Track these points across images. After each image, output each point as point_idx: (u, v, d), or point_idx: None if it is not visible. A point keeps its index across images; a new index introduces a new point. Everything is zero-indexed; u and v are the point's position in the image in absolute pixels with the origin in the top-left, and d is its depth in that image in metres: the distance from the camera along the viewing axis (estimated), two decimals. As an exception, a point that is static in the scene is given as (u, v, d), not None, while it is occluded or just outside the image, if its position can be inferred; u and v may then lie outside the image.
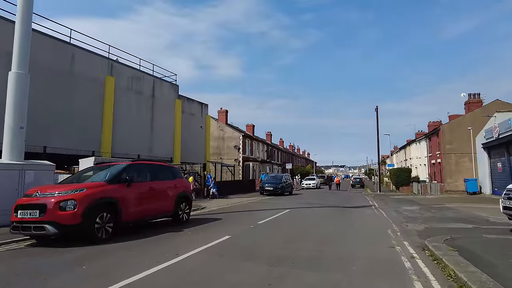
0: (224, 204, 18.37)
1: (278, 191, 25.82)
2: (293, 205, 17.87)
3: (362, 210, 16.30)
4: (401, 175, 33.41)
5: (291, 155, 68.73)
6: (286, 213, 14.04)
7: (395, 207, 17.58)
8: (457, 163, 31.46)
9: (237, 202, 20.21)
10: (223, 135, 40.12)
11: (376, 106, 34.34)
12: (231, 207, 17.13)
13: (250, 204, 18.54)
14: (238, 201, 20.50)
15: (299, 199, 23.35)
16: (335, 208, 16.66)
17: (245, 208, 16.02)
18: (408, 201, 21.77)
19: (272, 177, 27.82)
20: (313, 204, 18.57)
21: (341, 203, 20.41)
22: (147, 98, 24.30)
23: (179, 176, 10.40)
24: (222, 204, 18.37)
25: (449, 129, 32.31)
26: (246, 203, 19.26)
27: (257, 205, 18.29)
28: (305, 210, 15.41)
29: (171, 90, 26.78)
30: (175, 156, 26.58)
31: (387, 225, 10.99)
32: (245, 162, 39.75)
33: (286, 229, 9.85)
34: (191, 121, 30.27)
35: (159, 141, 24.96)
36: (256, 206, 17.28)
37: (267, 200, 21.56)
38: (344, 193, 31.66)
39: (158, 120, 25.00)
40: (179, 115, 27.13)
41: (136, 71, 23.62)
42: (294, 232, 9.51)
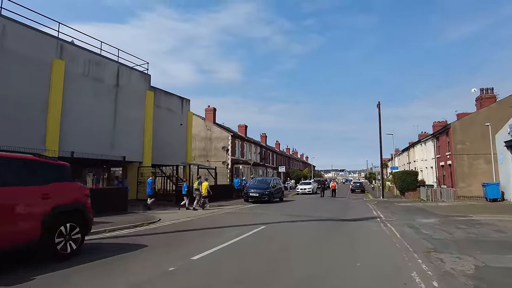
0: (186, 216, 14.15)
1: (265, 198, 21.57)
2: (275, 217, 13.61)
3: (364, 225, 12.03)
4: (407, 179, 29.13)
5: (288, 158, 64.46)
6: (259, 232, 9.75)
7: (407, 219, 13.33)
8: (471, 165, 27.15)
9: (208, 213, 15.98)
10: (210, 135, 35.99)
11: (378, 101, 30.22)
12: (191, 221, 12.87)
13: (221, 217, 14.31)
14: (210, 212, 16.27)
15: (288, 208, 19.09)
16: (330, 223, 12.40)
17: (207, 224, 11.75)
18: (420, 210, 17.51)
19: (259, 181, 23.60)
20: (303, 216, 14.32)
21: (339, 213, 16.15)
22: (110, 88, 20.19)
23: (63, 179, 6.09)
24: (185, 216, 14.17)
25: (461, 127, 28.03)
26: (218, 215, 15.03)
27: (229, 217, 14.05)
28: (289, 227, 11.11)
29: (141, 80, 22.68)
30: (145, 156, 22.41)
31: (407, 257, 6.75)
32: (235, 165, 35.56)
33: (239, 271, 5.65)
34: (168, 117, 26.14)
35: (124, 137, 20.80)
36: (226, 220, 13.06)
37: (247, 210, 17.30)
38: (343, 200, 27.29)
39: (124, 114, 20.87)
40: (150, 109, 22.99)
41: (96, 56, 19.53)
42: (252, 277, 5.32)
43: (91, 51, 19.39)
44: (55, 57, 17.09)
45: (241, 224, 11.17)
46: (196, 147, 36.24)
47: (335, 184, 33.42)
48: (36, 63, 16.06)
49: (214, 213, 15.29)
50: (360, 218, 13.86)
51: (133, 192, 22.13)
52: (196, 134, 36.36)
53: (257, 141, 48.34)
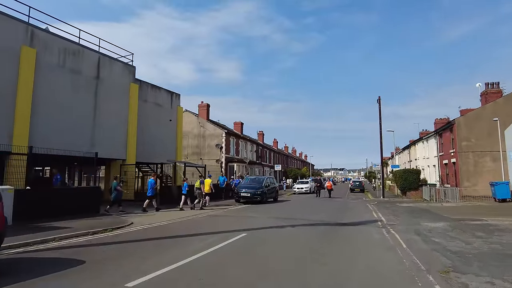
0: (166, 219, 12.42)
1: (257, 198, 19.82)
2: (263, 221, 11.87)
3: (364, 230, 10.27)
4: (409, 177, 27.37)
5: (286, 156, 62.69)
6: (235, 243, 7.95)
7: (412, 224, 11.59)
8: (477, 163, 25.37)
9: (188, 215, 14.25)
10: (203, 133, 34.25)
11: (378, 96, 28.46)
12: (165, 226, 11.13)
13: (202, 221, 12.54)
14: (192, 214, 14.54)
15: (281, 209, 17.35)
16: (324, 228, 10.65)
17: (180, 231, 9.99)
18: (424, 212, 15.76)
19: (251, 180, 21.85)
20: (294, 219, 12.57)
21: (335, 216, 14.41)
22: (89, 80, 18.46)
23: None
24: (164, 219, 12.44)
25: (466, 122, 26.22)
26: (199, 218, 13.27)
27: (210, 222, 12.29)
28: (274, 235, 9.28)
29: (125, 71, 20.93)
30: (129, 153, 20.67)
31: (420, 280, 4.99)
32: (229, 163, 33.83)
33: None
34: (157, 112, 24.43)
35: (106, 133, 19.08)
36: (205, 225, 11.30)
37: (234, 212, 15.54)
38: (340, 200, 25.50)
39: (105, 108, 19.14)
40: (134, 103, 21.25)
41: (73, 45, 17.80)
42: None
43: (68, 40, 17.66)
44: (25, 45, 15.38)
45: (219, 231, 9.43)
46: (189, 145, 34.54)
47: (331, 184, 29.65)
48: (0, 51, 14.37)
49: (196, 216, 13.55)
50: (359, 222, 12.11)
51: (115, 192, 20.43)
52: (189, 131, 34.67)
53: (254, 139, 46.57)
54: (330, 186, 28.63)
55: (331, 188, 28.57)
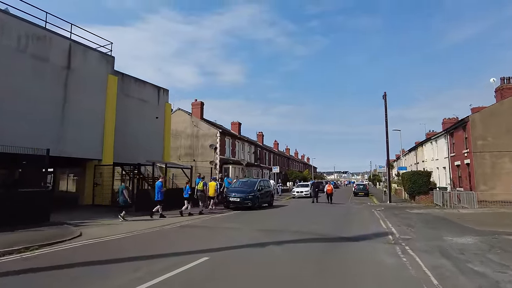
0: (122, 232, 9.89)
1: (248, 203, 17.24)
2: (241, 237, 9.25)
3: (372, 251, 7.61)
4: (418, 180, 24.63)
5: (287, 159, 59.97)
6: (180, 276, 5.30)
7: (433, 238, 8.97)
8: (494, 164, 22.60)
9: (157, 226, 11.73)
10: (197, 132, 31.80)
11: (384, 92, 25.86)
12: (118, 240, 8.62)
13: (163, 235, 9.94)
14: (166, 223, 12.01)
15: (271, 217, 14.71)
16: (319, 247, 8.02)
17: (126, 250, 7.43)
18: (442, 221, 13.11)
19: (243, 183, 19.28)
20: (283, 233, 9.94)
21: (335, 226, 11.81)
22: (57, 69, 16.12)
23: None
24: (121, 232, 9.91)
25: (481, 119, 23.48)
26: (165, 231, 10.72)
27: (173, 236, 9.66)
28: (246, 259, 6.61)
29: (102, 62, 18.56)
30: (105, 153, 18.23)
31: None
32: (224, 165, 31.31)
33: None
34: (141, 109, 22.04)
35: (78, 131, 16.68)
36: (161, 242, 8.68)
37: (213, 222, 12.93)
38: (343, 206, 22.73)
39: (77, 102, 16.78)
40: (113, 97, 18.84)
41: (38, 29, 15.48)
42: None
43: (32, 23, 15.34)
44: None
45: (175, 253, 6.86)
46: (181, 145, 32.13)
47: (332, 188, 25.38)
48: None
49: (166, 227, 11.01)
50: (364, 236, 9.49)
51: (88, 196, 18.03)
52: (181, 131, 32.29)
53: (252, 140, 44.03)
54: (331, 190, 24.70)
55: (331, 192, 24.64)
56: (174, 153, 31.99)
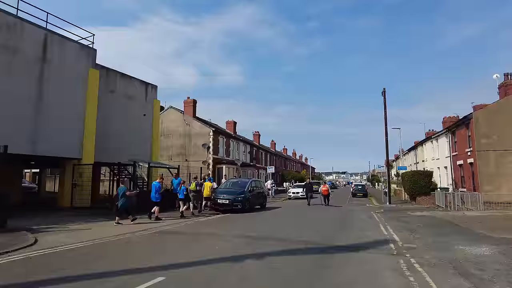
0: (83, 239, 8.55)
1: (238, 206, 15.90)
2: (217, 246, 7.92)
3: (370, 265, 6.30)
4: (419, 180, 23.33)
5: (284, 159, 58.62)
6: None
7: (442, 248, 7.65)
8: (499, 163, 21.33)
9: (138, 229, 10.42)
10: (189, 131, 30.47)
11: (383, 88, 24.59)
12: (73, 251, 7.31)
13: (130, 243, 8.61)
14: (142, 228, 10.68)
15: (260, 221, 13.35)
16: (307, 260, 6.67)
17: (73, 265, 6.15)
18: (448, 226, 11.82)
19: (233, 183, 17.94)
20: (269, 241, 8.61)
21: (330, 232, 10.50)
22: (31, 61, 14.80)
23: None
24: (81, 239, 8.58)
25: (485, 117, 22.21)
26: (135, 238, 9.41)
27: (139, 245, 8.35)
28: (213, 280, 5.26)
29: (82, 54, 17.23)
30: (86, 151, 16.89)
31: None
32: (217, 165, 29.98)
33: None
34: (127, 105, 20.71)
35: (54, 128, 15.36)
36: (119, 253, 7.37)
37: (195, 227, 11.62)
38: (340, 208, 21.36)
39: (53, 97, 15.46)
40: (94, 92, 17.51)
41: (7, 16, 14.16)
42: None
43: (2, 10, 14.04)
44: None
45: (128, 270, 5.53)
46: (173, 145, 30.80)
47: (328, 188, 22.88)
48: None
49: (136, 234, 9.67)
50: (362, 245, 8.17)
51: (67, 197, 16.69)
52: (173, 130, 30.97)
53: (248, 140, 42.71)
54: (326, 191, 22.33)
55: (327, 193, 22.29)
56: (165, 152, 30.67)
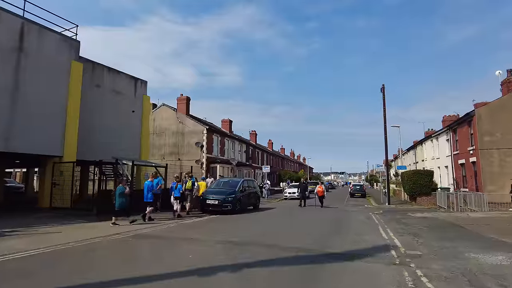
0: (40, 246, 7.49)
1: (228, 207, 14.84)
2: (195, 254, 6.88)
3: (369, 277, 5.30)
4: (419, 180, 22.33)
5: (281, 158, 57.55)
6: None
7: (452, 256, 6.62)
8: (503, 162, 20.37)
9: (115, 232, 9.38)
10: (182, 129, 29.41)
11: (382, 84, 23.59)
12: (11, 263, 6.28)
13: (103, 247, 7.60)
14: (118, 231, 9.63)
15: (250, 225, 12.27)
16: (296, 272, 5.67)
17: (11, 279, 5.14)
18: (454, 229, 10.81)
19: (224, 183, 16.89)
20: (254, 248, 7.56)
21: (324, 236, 9.47)
22: (6, 51, 13.75)
23: None
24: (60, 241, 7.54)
25: (488, 113, 21.25)
26: (114, 240, 8.38)
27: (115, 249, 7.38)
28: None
29: (64, 46, 16.17)
30: (67, 149, 15.83)
31: None
32: (211, 164, 28.93)
33: None
34: (115, 101, 19.67)
35: (32, 124, 14.30)
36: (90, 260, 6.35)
37: (177, 231, 10.56)
38: (337, 209, 20.29)
39: (31, 90, 14.40)
40: (77, 86, 16.44)
41: (-20, 3, 13.13)
42: None
43: (-26, -3, 12.99)
44: None
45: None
46: (166, 143, 29.76)
47: (323, 189, 21.14)
48: None
49: (108, 239, 8.63)
50: (360, 252, 7.13)
51: (47, 198, 15.63)
52: (166, 128, 29.94)
53: (244, 139, 41.67)
54: (322, 192, 20.63)
55: (322, 194, 20.61)
56: (157, 151, 29.64)
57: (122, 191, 11.31)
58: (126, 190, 11.56)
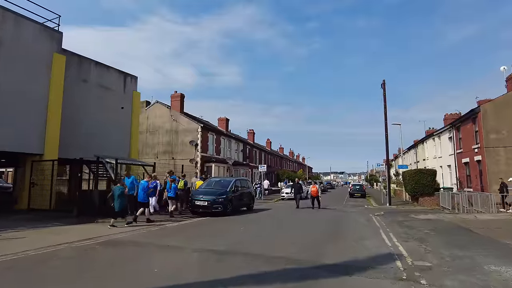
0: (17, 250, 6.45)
1: (218, 208, 13.77)
2: (163, 268, 5.83)
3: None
4: (421, 180, 21.22)
5: (280, 158, 56.42)
6: None
7: (468, 268, 5.56)
8: (510, 161, 19.36)
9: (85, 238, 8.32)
10: (176, 127, 28.34)
11: (383, 80, 22.53)
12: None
13: (56, 258, 6.50)
14: (87, 237, 8.56)
15: (238, 229, 11.10)
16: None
17: None
18: (463, 232, 9.76)
19: (215, 183, 15.80)
20: (236, 258, 6.59)
21: (318, 244, 8.40)
22: (-22, 41, 12.73)
23: None
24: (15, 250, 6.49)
25: (494, 110, 20.19)
26: (75, 248, 7.32)
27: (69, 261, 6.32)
28: None
29: (44, 37, 15.11)
30: (48, 148, 14.78)
31: None
32: (206, 163, 27.86)
33: None
34: (103, 97, 18.62)
35: (7, 119, 13.28)
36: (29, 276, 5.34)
37: (157, 235, 9.48)
38: (335, 210, 19.23)
39: (6, 83, 13.36)
40: (59, 80, 15.37)
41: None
42: None
43: None
44: None
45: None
46: (160, 142, 28.70)
47: (317, 189, 19.02)
48: None
49: (72, 246, 7.58)
50: (358, 264, 6.07)
51: (25, 198, 14.58)
52: (159, 126, 28.89)
53: (241, 137, 40.60)
54: (316, 192, 18.62)
55: (316, 194, 18.62)
56: (151, 150, 28.61)
57: (122, 192, 10.59)
58: (125, 190, 10.85)
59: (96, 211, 12.61)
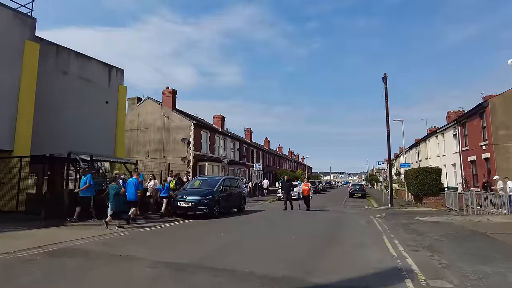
0: None
1: (203, 210, 12.35)
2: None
3: None
4: (426, 179, 19.75)
5: (278, 157, 54.93)
6: None
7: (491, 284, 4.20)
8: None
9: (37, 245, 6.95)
10: (168, 124, 26.95)
11: (384, 73, 21.08)
12: None
13: None
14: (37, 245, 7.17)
15: (220, 234, 9.71)
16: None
17: None
18: (480, 238, 8.34)
19: (202, 182, 14.40)
20: (197, 273, 5.21)
21: (309, 254, 6.98)
22: None
23: None
24: None
25: (504, 104, 18.76)
26: (19, 258, 5.95)
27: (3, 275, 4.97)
28: None
29: (15, 23, 13.73)
30: (19, 143, 13.39)
31: None
32: (199, 162, 26.46)
33: None
34: (85, 90, 17.27)
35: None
36: None
37: (121, 242, 8.14)
38: (333, 212, 17.84)
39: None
40: (31, 70, 13.96)
41: None
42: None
43: None
44: None
45: None
46: (151, 140, 27.33)
47: (309, 187, 17.07)
48: None
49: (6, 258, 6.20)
50: (357, 284, 4.66)
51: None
52: (151, 123, 27.53)
53: (237, 136, 39.20)
54: (307, 191, 16.78)
55: (308, 194, 16.79)
56: (142, 148, 27.26)
57: (117, 191, 9.83)
58: (122, 190, 9.90)
59: (66, 213, 11.24)
